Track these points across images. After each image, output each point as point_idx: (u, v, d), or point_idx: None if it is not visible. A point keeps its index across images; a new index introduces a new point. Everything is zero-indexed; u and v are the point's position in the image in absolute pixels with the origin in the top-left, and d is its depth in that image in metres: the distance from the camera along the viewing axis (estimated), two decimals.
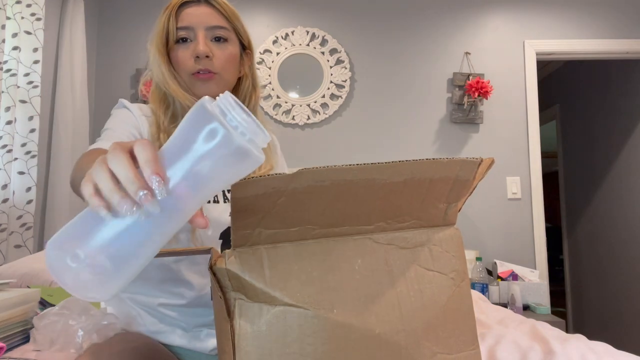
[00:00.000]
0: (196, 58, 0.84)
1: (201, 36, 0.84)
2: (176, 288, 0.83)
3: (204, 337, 0.85)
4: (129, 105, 0.88)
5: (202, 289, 0.84)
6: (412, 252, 0.54)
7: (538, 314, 2.21)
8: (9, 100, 1.88)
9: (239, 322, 0.46)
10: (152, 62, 0.87)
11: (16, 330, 1.03)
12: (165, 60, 0.85)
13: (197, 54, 0.83)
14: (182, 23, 0.85)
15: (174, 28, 0.84)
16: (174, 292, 0.83)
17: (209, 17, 0.86)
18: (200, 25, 0.85)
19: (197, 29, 0.85)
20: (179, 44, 0.86)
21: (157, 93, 0.88)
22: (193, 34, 0.85)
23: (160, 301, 0.84)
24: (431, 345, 0.52)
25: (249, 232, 0.46)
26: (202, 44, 0.83)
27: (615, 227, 3.29)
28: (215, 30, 0.86)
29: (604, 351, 0.96)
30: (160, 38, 0.85)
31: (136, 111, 0.87)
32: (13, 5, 1.94)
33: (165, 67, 0.85)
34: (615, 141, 3.30)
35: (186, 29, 0.85)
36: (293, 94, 2.71)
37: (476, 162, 0.55)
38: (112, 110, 0.89)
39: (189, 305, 0.84)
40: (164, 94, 0.88)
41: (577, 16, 2.76)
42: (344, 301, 0.48)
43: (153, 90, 0.90)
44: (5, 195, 1.85)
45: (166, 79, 0.85)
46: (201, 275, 0.83)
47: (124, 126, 0.83)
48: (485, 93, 2.55)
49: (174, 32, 0.85)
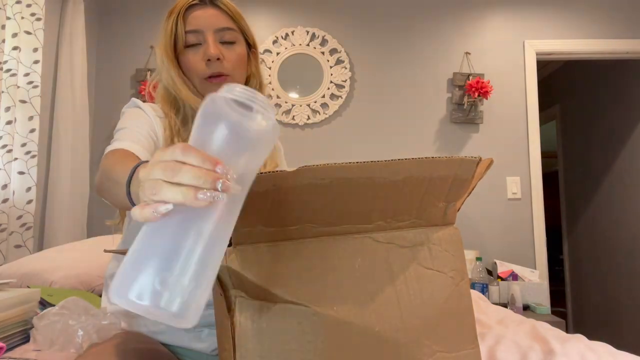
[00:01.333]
0: (207, 61, 0.84)
1: (211, 39, 0.84)
2: None
3: (205, 337, 0.85)
4: (142, 105, 0.88)
5: None
6: (411, 251, 0.54)
7: (538, 314, 2.21)
8: (9, 100, 1.88)
9: (240, 319, 0.46)
10: (160, 67, 0.87)
11: (16, 330, 1.03)
12: (175, 65, 0.85)
13: (209, 56, 0.83)
14: (190, 26, 0.85)
15: (182, 32, 0.84)
16: None
17: (216, 19, 0.86)
18: (208, 28, 0.85)
19: (206, 31, 0.85)
20: (188, 48, 0.85)
21: (167, 97, 0.88)
22: (202, 37, 0.85)
23: (169, 324, 0.84)
24: (431, 344, 0.52)
25: (250, 229, 0.46)
26: (212, 46, 0.84)
27: (615, 227, 3.29)
28: (224, 32, 0.86)
29: (604, 351, 0.96)
30: (169, 42, 0.85)
31: (150, 111, 0.86)
32: (13, 5, 1.94)
33: (175, 72, 0.85)
34: (615, 141, 3.30)
35: (195, 32, 0.85)
36: (293, 94, 2.71)
37: (475, 161, 0.55)
38: (124, 109, 0.89)
39: None
40: (174, 98, 0.88)
41: (577, 16, 2.76)
42: (344, 299, 0.48)
43: (162, 94, 0.89)
44: (5, 195, 1.85)
45: (177, 84, 0.85)
46: None
47: (141, 125, 0.82)
48: (485, 93, 2.55)
49: (183, 36, 0.84)
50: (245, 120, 0.36)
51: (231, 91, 0.38)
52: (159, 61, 0.87)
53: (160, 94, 0.90)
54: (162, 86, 0.89)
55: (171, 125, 0.86)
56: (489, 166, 0.59)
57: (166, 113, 0.88)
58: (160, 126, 0.85)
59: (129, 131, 0.80)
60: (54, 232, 2.17)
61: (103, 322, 0.79)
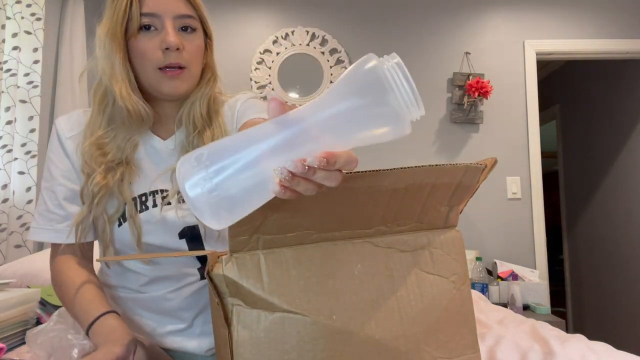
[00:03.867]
0: (165, 50, 0.74)
1: (169, 25, 0.75)
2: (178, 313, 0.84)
3: (197, 336, 0.85)
4: (60, 128, 0.82)
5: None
6: (412, 255, 0.54)
7: (538, 314, 2.21)
8: (9, 100, 1.88)
9: (237, 328, 0.45)
10: (100, 53, 0.76)
11: (16, 330, 1.03)
12: (121, 50, 0.74)
13: (168, 45, 0.74)
14: (147, 9, 0.74)
15: (137, 14, 0.73)
16: (176, 317, 0.84)
17: (177, 5, 0.76)
18: (168, 13, 0.75)
19: (165, 17, 0.75)
20: (141, 32, 0.75)
21: (99, 89, 0.79)
22: (159, 22, 0.75)
23: (164, 328, 0.84)
24: (431, 350, 0.51)
25: (246, 237, 0.46)
26: (172, 34, 0.74)
27: (615, 226, 3.29)
28: (184, 20, 0.77)
29: (604, 351, 0.96)
30: (119, 24, 0.73)
31: (65, 133, 0.81)
32: (13, 5, 1.93)
33: (119, 59, 0.74)
34: (615, 141, 3.30)
35: (151, 15, 0.74)
36: (293, 94, 2.71)
37: (480, 168, 0.54)
38: (49, 139, 0.84)
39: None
40: (105, 92, 0.78)
41: (577, 16, 2.75)
42: (344, 307, 0.47)
43: (95, 87, 0.80)
44: (5, 195, 1.85)
45: (115, 74, 0.74)
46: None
47: (60, 172, 0.80)
48: (485, 93, 2.55)
49: (138, 18, 0.74)
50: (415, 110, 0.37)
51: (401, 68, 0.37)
52: (98, 45, 0.76)
53: (94, 87, 0.80)
54: (99, 76, 0.78)
55: (88, 131, 0.79)
56: (493, 166, 0.58)
57: (94, 112, 0.80)
58: (71, 146, 0.80)
59: (49, 202, 0.80)
60: None
61: None
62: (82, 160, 0.78)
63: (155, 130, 0.83)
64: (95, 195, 0.76)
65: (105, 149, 0.78)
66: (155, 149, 0.82)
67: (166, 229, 0.80)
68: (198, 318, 0.85)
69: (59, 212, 0.80)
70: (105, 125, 0.79)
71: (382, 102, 0.36)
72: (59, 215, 0.80)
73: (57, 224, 0.80)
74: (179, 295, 0.83)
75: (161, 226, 0.80)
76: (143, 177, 0.81)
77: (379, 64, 0.37)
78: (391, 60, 0.37)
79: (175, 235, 0.81)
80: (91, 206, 0.77)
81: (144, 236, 0.79)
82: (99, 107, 0.79)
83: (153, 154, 0.82)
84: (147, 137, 0.82)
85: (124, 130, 0.78)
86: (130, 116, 0.76)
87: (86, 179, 0.77)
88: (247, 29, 2.73)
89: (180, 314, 0.84)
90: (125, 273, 0.84)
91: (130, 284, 0.84)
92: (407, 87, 0.37)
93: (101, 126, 0.79)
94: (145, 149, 0.82)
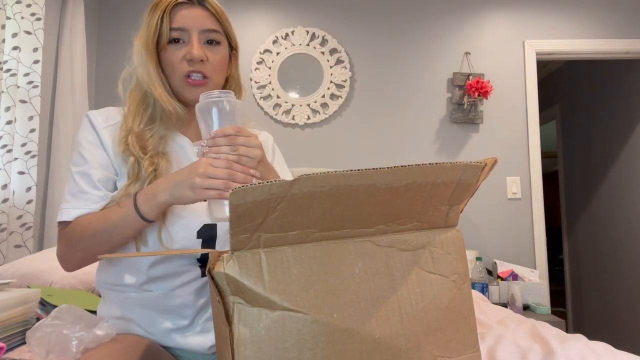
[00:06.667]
0: (189, 61, 0.84)
1: (195, 39, 0.84)
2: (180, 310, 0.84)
3: (198, 334, 0.85)
4: (94, 119, 0.88)
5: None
6: (413, 254, 0.54)
7: (538, 314, 2.21)
8: (9, 100, 1.88)
9: (238, 326, 0.46)
10: (137, 61, 0.86)
11: (16, 330, 1.03)
12: (154, 60, 0.84)
13: (192, 57, 0.83)
14: (176, 24, 0.84)
15: (167, 29, 0.83)
16: (177, 314, 0.84)
17: (203, 20, 0.85)
18: (194, 28, 0.84)
19: (192, 31, 0.84)
20: (170, 44, 0.85)
21: (138, 93, 0.88)
22: (187, 36, 0.84)
23: (165, 326, 0.84)
24: (432, 349, 0.52)
25: (248, 236, 0.46)
26: (196, 47, 0.83)
27: (615, 226, 3.29)
28: (209, 34, 0.86)
29: (604, 351, 0.96)
30: (151, 37, 0.84)
31: (100, 124, 0.87)
32: (13, 5, 1.93)
33: (154, 69, 0.84)
34: (615, 141, 3.30)
35: (180, 30, 0.84)
36: (293, 94, 2.71)
37: (480, 167, 0.54)
38: (80, 129, 0.89)
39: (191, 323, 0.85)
40: (144, 94, 0.87)
41: (577, 16, 2.75)
42: (344, 305, 0.48)
43: (133, 89, 0.89)
44: (5, 195, 1.85)
45: (153, 81, 0.84)
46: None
47: (93, 157, 0.84)
48: (485, 93, 2.55)
49: (168, 32, 0.84)
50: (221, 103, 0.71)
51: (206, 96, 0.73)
52: (136, 55, 0.86)
53: (130, 90, 0.89)
54: (135, 81, 0.88)
55: (127, 125, 0.86)
56: (493, 166, 0.58)
57: (129, 112, 0.87)
58: (107, 135, 0.86)
59: (83, 184, 0.83)
60: (54, 232, 2.17)
61: (98, 332, 0.78)
62: (123, 148, 0.84)
63: (185, 132, 0.91)
64: (145, 179, 0.81)
65: (147, 142, 0.85)
66: (184, 148, 0.90)
67: (187, 224, 0.82)
68: (199, 316, 0.85)
69: (94, 192, 0.83)
70: (146, 122, 0.87)
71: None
72: (95, 195, 0.83)
73: (92, 204, 0.82)
74: (180, 293, 0.83)
75: (183, 219, 0.82)
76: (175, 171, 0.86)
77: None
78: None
79: (193, 232, 0.82)
80: (135, 185, 0.82)
81: (166, 227, 0.81)
82: (138, 107, 0.87)
83: (182, 153, 0.89)
84: (178, 136, 0.90)
85: (162, 128, 0.87)
86: (171, 116, 0.86)
87: (133, 161, 0.83)
88: (247, 29, 2.73)
89: (181, 311, 0.84)
90: (125, 270, 0.84)
91: (131, 281, 0.85)
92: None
93: (142, 123, 0.86)
94: (177, 146, 0.89)
